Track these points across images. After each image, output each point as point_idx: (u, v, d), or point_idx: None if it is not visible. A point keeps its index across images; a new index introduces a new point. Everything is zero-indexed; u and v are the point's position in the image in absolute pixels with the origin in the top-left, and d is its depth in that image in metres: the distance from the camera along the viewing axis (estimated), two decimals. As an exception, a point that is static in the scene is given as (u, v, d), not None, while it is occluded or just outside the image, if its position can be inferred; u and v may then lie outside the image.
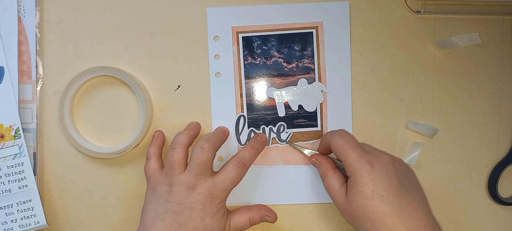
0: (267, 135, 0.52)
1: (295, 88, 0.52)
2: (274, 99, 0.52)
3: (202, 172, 0.46)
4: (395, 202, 0.43)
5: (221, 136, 0.50)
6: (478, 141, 0.53)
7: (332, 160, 0.49)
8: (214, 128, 0.52)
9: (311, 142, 0.52)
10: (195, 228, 0.45)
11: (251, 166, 0.51)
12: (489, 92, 0.52)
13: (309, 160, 0.51)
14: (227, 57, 0.52)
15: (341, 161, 0.46)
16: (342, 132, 0.47)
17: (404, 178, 0.45)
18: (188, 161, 0.48)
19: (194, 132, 0.50)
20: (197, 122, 0.52)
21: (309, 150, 0.51)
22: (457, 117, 0.52)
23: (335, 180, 0.47)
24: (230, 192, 0.48)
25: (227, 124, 0.52)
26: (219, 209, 0.47)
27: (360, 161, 0.44)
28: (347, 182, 0.46)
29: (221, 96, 0.52)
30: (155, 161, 0.49)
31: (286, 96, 0.52)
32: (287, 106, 0.52)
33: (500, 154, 0.53)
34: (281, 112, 0.52)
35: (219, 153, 0.52)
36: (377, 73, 0.52)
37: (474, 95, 0.52)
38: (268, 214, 0.51)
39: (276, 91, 0.52)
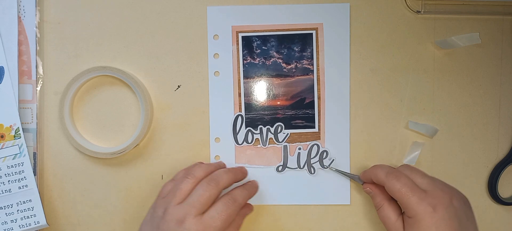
0: (264, 135, 0.52)
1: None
2: (272, 99, 0.52)
3: (197, 209, 0.44)
4: None
5: (238, 175, 0.49)
6: (478, 141, 0.52)
7: (385, 190, 0.47)
8: (212, 127, 0.52)
9: (307, 143, 0.52)
10: None
11: (249, 166, 0.51)
12: (489, 92, 0.52)
13: (363, 189, 0.50)
14: (226, 57, 0.52)
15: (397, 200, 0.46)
16: (396, 173, 0.46)
17: (463, 216, 0.44)
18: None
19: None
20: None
21: (355, 175, 0.52)
22: (457, 117, 0.52)
23: (391, 212, 0.47)
24: None
25: (225, 123, 0.52)
26: None
27: (422, 204, 0.43)
28: (402, 214, 0.46)
29: (219, 96, 0.52)
30: (184, 184, 0.47)
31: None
32: (282, 106, 0.52)
33: (500, 154, 0.53)
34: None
35: (215, 152, 0.52)
36: (377, 73, 0.52)
37: (474, 95, 0.52)
38: (246, 211, 0.51)
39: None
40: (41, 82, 0.52)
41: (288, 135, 0.52)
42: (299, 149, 0.52)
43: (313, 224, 0.53)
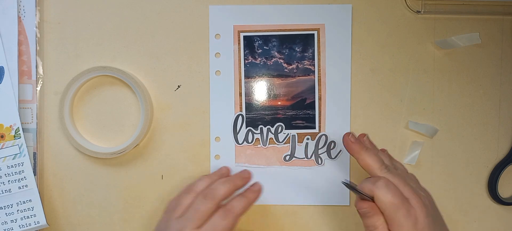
0: (265, 135, 0.52)
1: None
2: (273, 99, 0.52)
3: (194, 223, 0.43)
4: None
5: (238, 182, 0.48)
6: (478, 141, 0.53)
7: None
8: (212, 126, 0.52)
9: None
10: None
11: (249, 166, 0.51)
12: (489, 92, 0.52)
13: (358, 207, 0.43)
14: (227, 56, 0.52)
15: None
16: (386, 182, 0.41)
17: (437, 219, 0.43)
18: None
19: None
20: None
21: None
22: (457, 116, 0.52)
23: None
24: None
25: (225, 123, 0.52)
26: None
27: (409, 219, 0.40)
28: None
29: (220, 95, 0.52)
30: (184, 198, 0.47)
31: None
32: (283, 106, 0.52)
33: (500, 154, 0.53)
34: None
35: (215, 152, 0.52)
36: (377, 73, 0.52)
37: (474, 95, 0.52)
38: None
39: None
40: (41, 82, 0.52)
41: (288, 135, 0.52)
42: (308, 138, 0.52)
43: (313, 224, 0.53)
